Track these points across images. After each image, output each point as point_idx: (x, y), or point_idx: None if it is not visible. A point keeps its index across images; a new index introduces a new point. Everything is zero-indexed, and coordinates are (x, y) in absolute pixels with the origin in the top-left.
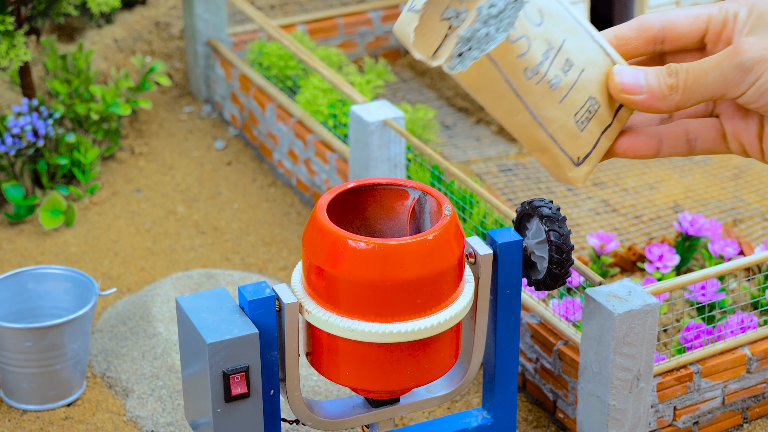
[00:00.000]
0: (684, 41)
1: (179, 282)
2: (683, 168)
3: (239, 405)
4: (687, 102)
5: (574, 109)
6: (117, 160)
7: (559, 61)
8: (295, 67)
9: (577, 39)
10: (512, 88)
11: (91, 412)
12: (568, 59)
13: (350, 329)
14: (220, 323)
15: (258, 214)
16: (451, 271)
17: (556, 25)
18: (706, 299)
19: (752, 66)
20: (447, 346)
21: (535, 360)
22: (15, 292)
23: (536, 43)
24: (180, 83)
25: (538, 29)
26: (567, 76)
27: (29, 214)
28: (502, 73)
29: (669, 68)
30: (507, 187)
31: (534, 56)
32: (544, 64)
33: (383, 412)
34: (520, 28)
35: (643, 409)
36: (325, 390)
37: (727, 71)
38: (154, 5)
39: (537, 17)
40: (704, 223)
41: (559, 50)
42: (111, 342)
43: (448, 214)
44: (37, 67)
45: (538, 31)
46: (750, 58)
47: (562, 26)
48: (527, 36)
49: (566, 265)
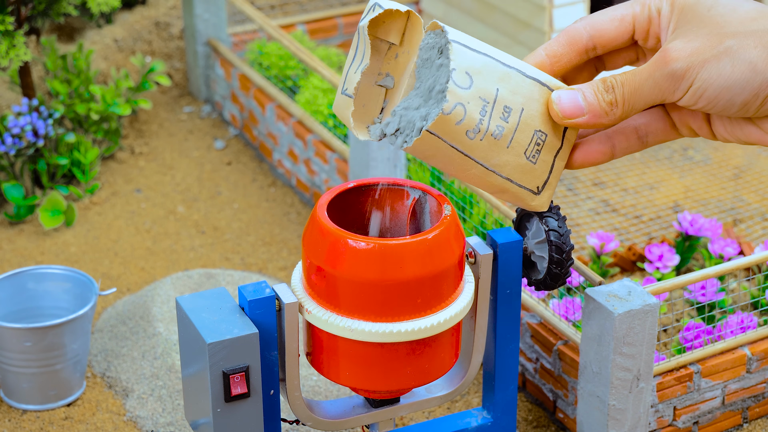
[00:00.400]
0: (615, 44)
1: (179, 282)
2: (683, 168)
3: (239, 405)
4: (629, 113)
5: (522, 148)
6: (117, 160)
7: (497, 112)
8: (295, 67)
9: (509, 83)
10: (459, 151)
11: (91, 412)
12: (505, 106)
13: (350, 329)
14: (220, 323)
15: (258, 214)
16: (451, 271)
17: (486, 79)
18: (706, 299)
19: (683, 74)
20: (447, 346)
21: (535, 360)
22: (15, 292)
23: (471, 105)
24: (180, 83)
25: (470, 91)
26: (508, 122)
27: (29, 214)
28: (446, 141)
29: (605, 83)
30: None
31: (472, 118)
32: (484, 120)
33: (383, 412)
34: (453, 98)
35: (643, 409)
36: (325, 390)
37: (660, 81)
38: (154, 5)
39: (466, 81)
40: (704, 223)
41: (495, 102)
42: (111, 342)
43: (448, 214)
44: (37, 67)
45: (471, 93)
46: (679, 68)
47: (493, 77)
48: (461, 102)
49: (566, 265)
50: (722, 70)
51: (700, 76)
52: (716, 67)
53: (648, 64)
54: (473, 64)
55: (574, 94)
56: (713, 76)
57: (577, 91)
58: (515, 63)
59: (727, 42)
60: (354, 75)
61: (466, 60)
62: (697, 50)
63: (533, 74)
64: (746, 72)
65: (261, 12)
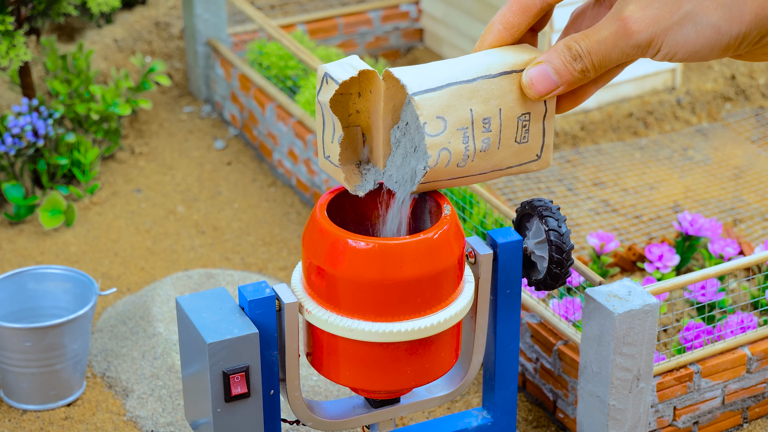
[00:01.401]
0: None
1: (179, 282)
2: (683, 168)
3: (239, 405)
4: (602, 71)
5: (512, 139)
6: (117, 160)
7: (478, 129)
8: (295, 67)
9: (480, 96)
10: (456, 178)
11: (91, 412)
12: (483, 119)
13: (350, 329)
14: (220, 323)
15: (258, 214)
16: (451, 271)
17: (458, 108)
18: (706, 299)
19: (648, 44)
20: (447, 346)
21: (535, 360)
22: (15, 292)
23: (453, 142)
24: (180, 83)
25: (447, 131)
26: (492, 130)
27: (29, 214)
28: (443, 179)
29: (571, 52)
30: (507, 187)
31: (458, 152)
32: (469, 146)
33: (384, 412)
34: (434, 149)
35: (643, 409)
36: (325, 390)
37: (627, 50)
38: (154, 5)
39: (440, 125)
40: (704, 223)
41: (473, 122)
42: (111, 342)
43: (447, 214)
44: (37, 67)
45: (448, 133)
46: (643, 39)
47: (462, 102)
48: (443, 147)
49: (566, 265)
50: (687, 36)
51: (666, 42)
52: (680, 34)
53: (610, 33)
54: (440, 104)
55: (543, 71)
56: (679, 42)
57: (545, 65)
58: (479, 69)
59: (685, 6)
60: (333, 145)
61: (431, 105)
62: (657, 18)
63: (499, 69)
64: (711, 36)
65: (261, 12)
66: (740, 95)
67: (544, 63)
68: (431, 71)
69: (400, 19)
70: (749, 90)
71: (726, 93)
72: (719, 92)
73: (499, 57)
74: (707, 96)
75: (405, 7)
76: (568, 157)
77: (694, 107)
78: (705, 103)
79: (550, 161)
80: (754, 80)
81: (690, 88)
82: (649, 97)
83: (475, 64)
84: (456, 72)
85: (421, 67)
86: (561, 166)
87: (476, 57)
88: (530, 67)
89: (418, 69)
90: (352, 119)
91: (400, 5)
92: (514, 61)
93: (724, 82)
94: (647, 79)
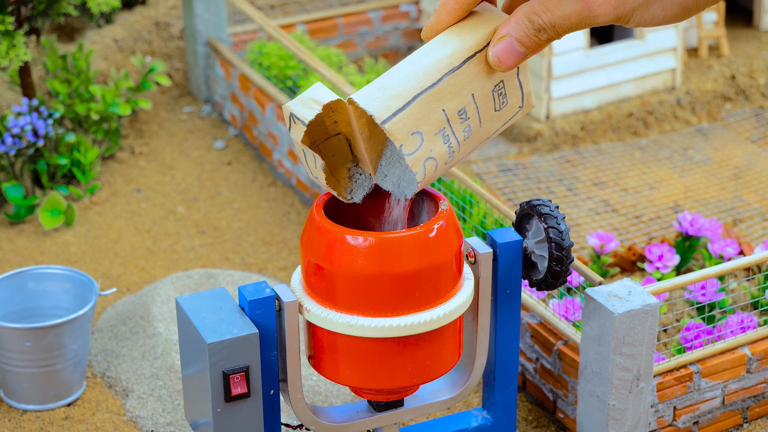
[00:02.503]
0: None
1: (179, 282)
2: (683, 168)
3: (239, 405)
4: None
5: (491, 111)
6: (117, 160)
7: (455, 123)
8: (295, 67)
9: (448, 93)
10: (450, 167)
11: (91, 412)
12: (458, 112)
13: (349, 324)
14: (220, 323)
15: (258, 214)
16: (449, 265)
17: (430, 114)
18: (706, 299)
19: (615, 20)
20: (448, 343)
21: (535, 360)
22: (15, 292)
23: (435, 148)
24: (180, 83)
25: (426, 142)
26: (470, 117)
27: (29, 214)
28: (440, 176)
29: (534, 25)
30: (507, 187)
31: (442, 153)
32: (452, 143)
33: (387, 416)
34: (417, 163)
35: (643, 409)
36: (325, 390)
37: (590, 25)
38: (154, 5)
39: (416, 140)
40: (704, 223)
41: (448, 120)
42: (111, 342)
43: (444, 209)
44: (37, 67)
45: (427, 142)
46: (609, 20)
47: (433, 107)
48: (428, 157)
49: (566, 263)
50: (654, 14)
51: (633, 19)
52: (647, 13)
53: (574, 11)
54: (412, 119)
55: (508, 45)
56: (646, 19)
57: (509, 39)
58: (442, 65)
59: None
60: (318, 171)
61: (403, 125)
62: (622, 2)
63: (462, 57)
64: (678, 10)
65: (261, 12)
66: (740, 95)
67: (507, 37)
68: (395, 86)
69: (400, 19)
70: (749, 90)
71: (726, 93)
72: (719, 92)
73: (458, 42)
74: (707, 96)
75: (405, 7)
76: (568, 157)
77: (694, 107)
78: (705, 103)
79: (533, 102)
80: (754, 80)
81: (690, 88)
82: (649, 97)
83: (437, 60)
84: (420, 77)
85: (385, 84)
86: (561, 166)
87: (435, 50)
88: (494, 44)
89: (381, 88)
90: (331, 129)
91: (400, 5)
92: (474, 41)
93: (724, 82)
94: (647, 79)
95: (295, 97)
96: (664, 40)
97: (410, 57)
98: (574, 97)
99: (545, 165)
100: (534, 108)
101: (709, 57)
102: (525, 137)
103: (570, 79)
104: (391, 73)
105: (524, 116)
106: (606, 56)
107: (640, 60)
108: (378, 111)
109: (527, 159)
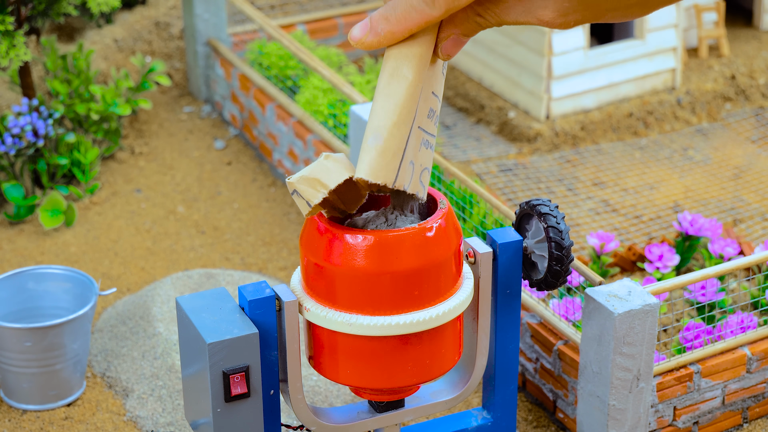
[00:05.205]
0: None
1: (179, 282)
2: (683, 168)
3: (239, 405)
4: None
5: (442, 84)
6: (117, 160)
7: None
8: (295, 67)
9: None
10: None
11: (91, 412)
12: (428, 115)
13: (349, 323)
14: (220, 323)
15: (258, 214)
16: (448, 263)
17: (414, 143)
18: (706, 299)
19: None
20: (448, 342)
21: (535, 360)
22: (15, 292)
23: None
24: (180, 83)
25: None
26: (436, 111)
27: (29, 214)
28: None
29: (487, 21)
30: (507, 187)
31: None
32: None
33: (388, 417)
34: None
35: (643, 409)
36: (324, 390)
37: None
38: (154, 5)
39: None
40: (704, 223)
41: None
42: (111, 342)
43: (443, 207)
44: (37, 67)
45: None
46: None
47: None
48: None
49: (566, 262)
50: (617, 18)
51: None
52: (609, 18)
53: (526, 21)
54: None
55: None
56: (610, 21)
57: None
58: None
59: (604, 5)
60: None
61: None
62: (580, 21)
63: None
64: (639, 12)
65: (261, 12)
66: (740, 95)
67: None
68: (390, 142)
69: None
70: (749, 90)
71: (726, 93)
72: (719, 92)
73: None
74: (707, 96)
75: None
76: (568, 157)
77: (694, 107)
78: (705, 103)
79: None
80: (754, 80)
81: (690, 88)
82: (649, 97)
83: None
84: (404, 117)
85: (375, 147)
86: (561, 166)
87: (397, 80)
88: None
89: (374, 155)
90: (332, 198)
91: None
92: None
93: (724, 82)
94: (647, 79)
95: (300, 173)
96: (664, 40)
97: (382, 96)
98: (574, 97)
99: (545, 165)
100: (534, 108)
101: (709, 57)
102: (525, 137)
103: (570, 79)
104: (379, 128)
105: (525, 116)
106: (606, 56)
107: (640, 60)
108: (389, 178)
109: (527, 159)
